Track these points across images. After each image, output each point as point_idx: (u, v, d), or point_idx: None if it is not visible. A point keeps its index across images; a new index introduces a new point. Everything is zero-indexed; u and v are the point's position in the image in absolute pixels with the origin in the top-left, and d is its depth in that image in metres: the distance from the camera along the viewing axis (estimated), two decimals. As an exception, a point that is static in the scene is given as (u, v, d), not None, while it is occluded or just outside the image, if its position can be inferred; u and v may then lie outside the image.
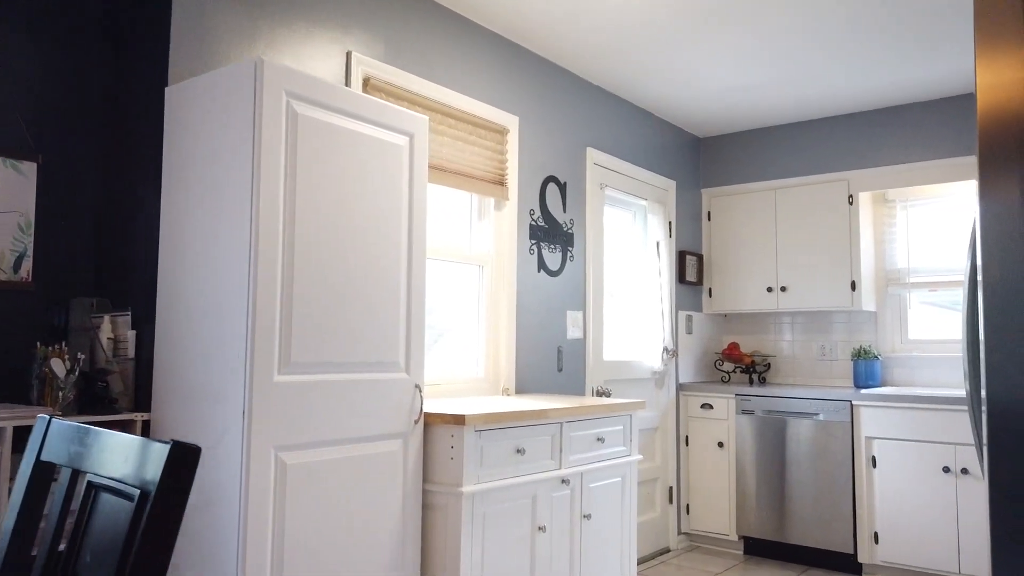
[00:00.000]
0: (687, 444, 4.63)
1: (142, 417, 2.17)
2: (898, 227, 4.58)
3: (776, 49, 3.63)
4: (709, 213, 5.00)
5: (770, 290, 4.68)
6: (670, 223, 4.69)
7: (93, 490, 1.10)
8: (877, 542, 3.91)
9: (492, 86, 3.44)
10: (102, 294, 2.38)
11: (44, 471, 1.21)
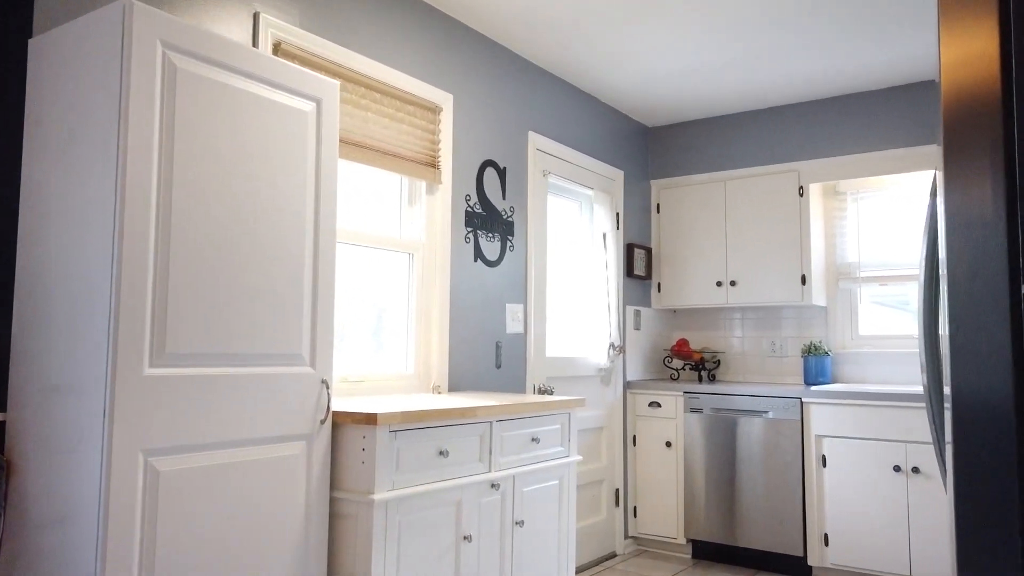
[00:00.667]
0: (634, 444, 4.45)
1: (-3, 418, 1.88)
2: (848, 220, 4.47)
3: (727, 31, 3.46)
4: (658, 205, 4.83)
5: (720, 284, 4.53)
6: (617, 214, 4.51)
7: None
8: (827, 544, 3.78)
9: (424, 60, 3.20)
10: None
11: None
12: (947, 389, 1.11)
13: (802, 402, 3.89)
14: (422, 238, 3.20)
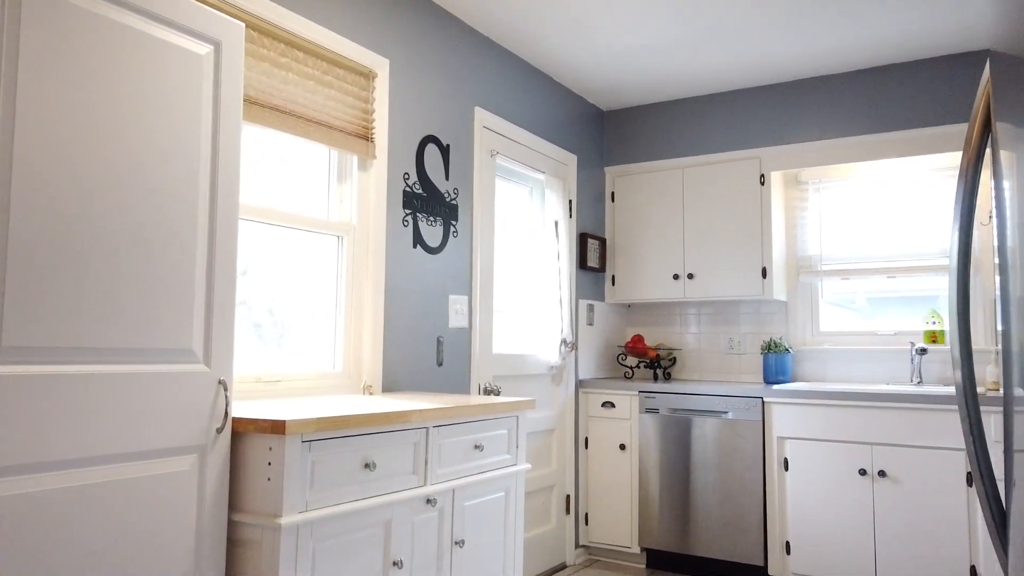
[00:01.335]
0: (586, 447, 4.17)
1: None
2: (810, 211, 4.27)
3: (688, 3, 3.20)
4: (613, 194, 4.56)
5: (677, 278, 4.28)
6: (570, 201, 4.22)
7: None
8: (789, 552, 3.56)
9: (357, 19, 2.84)
10: None
11: None
12: (1019, 391, 0.84)
13: (764, 402, 3.66)
14: (353, 220, 2.84)
